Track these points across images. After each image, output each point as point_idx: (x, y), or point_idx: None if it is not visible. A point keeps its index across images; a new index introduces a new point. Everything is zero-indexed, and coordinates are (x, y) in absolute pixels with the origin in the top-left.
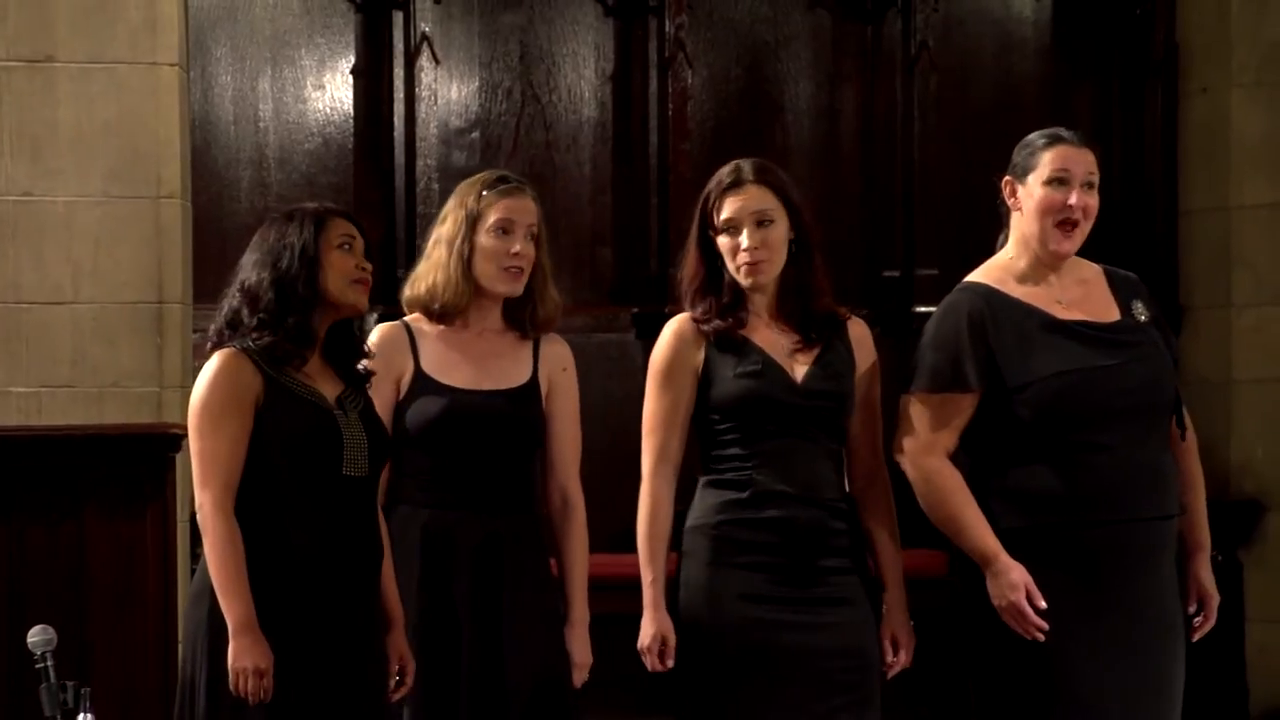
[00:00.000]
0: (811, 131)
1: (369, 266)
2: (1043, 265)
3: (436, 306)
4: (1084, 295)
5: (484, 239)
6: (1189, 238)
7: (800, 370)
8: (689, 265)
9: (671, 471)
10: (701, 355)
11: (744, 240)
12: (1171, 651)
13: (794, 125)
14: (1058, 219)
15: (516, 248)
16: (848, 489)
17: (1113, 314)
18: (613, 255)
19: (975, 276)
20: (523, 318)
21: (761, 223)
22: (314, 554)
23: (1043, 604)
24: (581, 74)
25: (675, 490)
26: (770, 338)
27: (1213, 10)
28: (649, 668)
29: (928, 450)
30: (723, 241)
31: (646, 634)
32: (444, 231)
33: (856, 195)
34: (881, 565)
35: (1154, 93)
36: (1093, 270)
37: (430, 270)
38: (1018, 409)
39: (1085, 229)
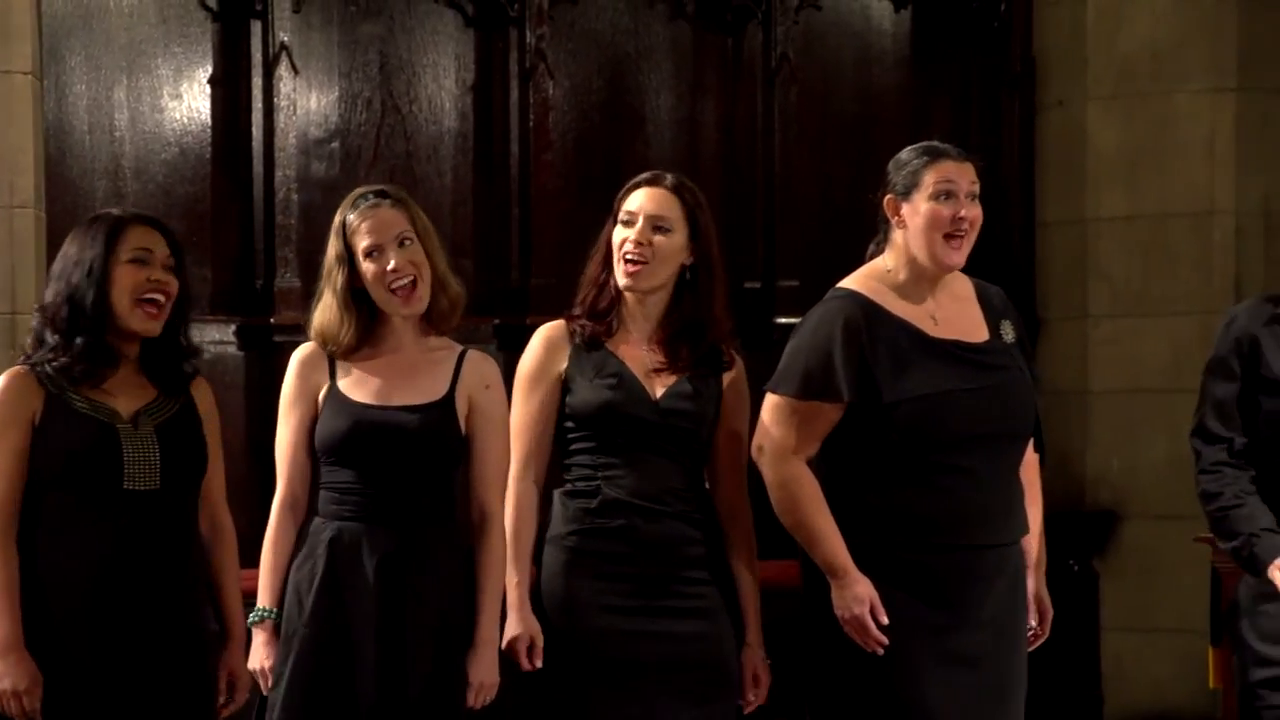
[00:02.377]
0: (673, 143)
1: (166, 280)
2: (923, 281)
3: (329, 347)
4: (958, 313)
5: (364, 266)
6: (1046, 249)
7: (659, 389)
8: (593, 264)
9: (537, 476)
10: (565, 361)
11: (633, 234)
12: (1012, 662)
13: (655, 136)
14: (946, 232)
15: (391, 264)
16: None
17: (982, 334)
18: (473, 266)
19: (851, 284)
20: (425, 317)
21: (658, 227)
22: (91, 571)
23: (885, 619)
24: (442, 84)
25: (541, 494)
26: (635, 354)
27: (1069, 24)
28: (522, 667)
29: (788, 455)
30: (616, 233)
31: (513, 632)
32: (325, 268)
33: (717, 206)
34: (741, 602)
35: (1011, 105)
36: (966, 287)
37: (320, 312)
38: (885, 425)
39: (972, 239)
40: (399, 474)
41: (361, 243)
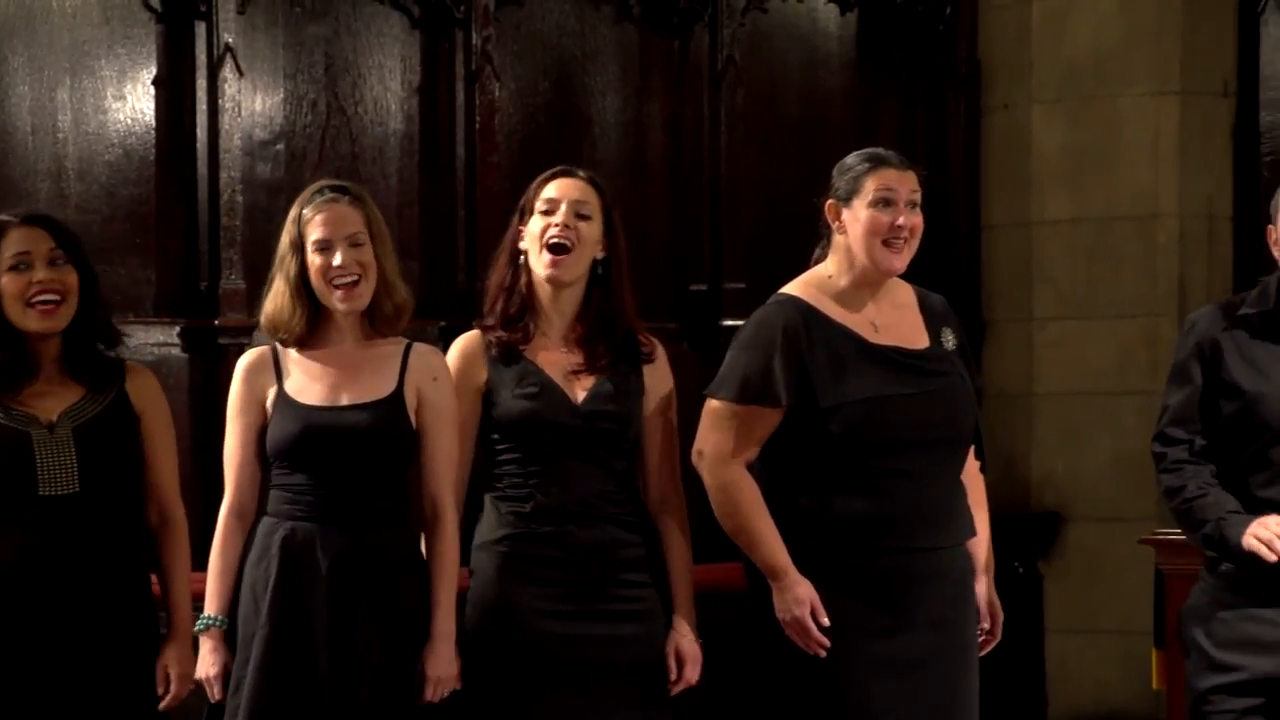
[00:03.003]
0: (619, 145)
1: (51, 277)
2: (864, 287)
3: (280, 336)
4: (898, 319)
5: (311, 257)
6: (991, 252)
7: (581, 392)
8: (498, 266)
9: (459, 491)
10: (485, 373)
11: (557, 218)
12: (964, 667)
13: (601, 138)
14: (885, 238)
15: (336, 260)
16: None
17: (922, 341)
18: (420, 269)
19: (792, 290)
20: (370, 320)
21: (580, 214)
22: (9, 577)
23: (826, 621)
24: (388, 86)
25: (463, 507)
26: (554, 357)
27: (1014, 28)
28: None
29: (727, 459)
30: (533, 224)
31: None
32: (278, 256)
33: (664, 209)
34: (672, 585)
35: (957, 108)
36: (908, 294)
37: (270, 300)
38: (825, 430)
39: (913, 247)
40: (351, 474)
41: (313, 234)
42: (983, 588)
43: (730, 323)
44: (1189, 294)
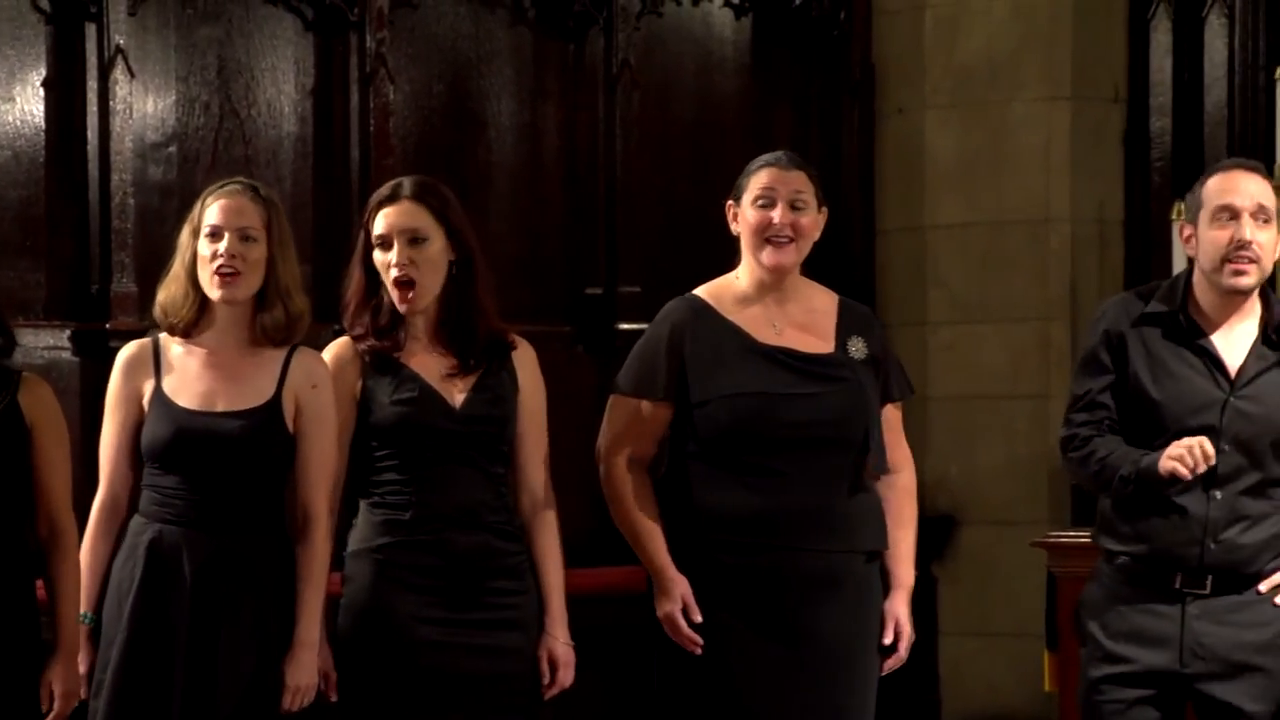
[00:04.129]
0: (514, 148)
1: None
2: (764, 287)
3: (170, 321)
4: (806, 324)
5: (200, 244)
6: (885, 256)
7: (458, 396)
8: (352, 283)
9: (333, 499)
10: (359, 380)
11: (393, 256)
12: (848, 685)
13: (497, 142)
14: (765, 236)
15: (223, 248)
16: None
17: (826, 347)
18: (313, 272)
19: (698, 289)
20: (260, 327)
21: (414, 240)
22: None
23: (697, 618)
24: (281, 89)
25: (338, 516)
26: (428, 362)
27: (907, 33)
28: (331, 699)
29: (616, 451)
30: (377, 258)
31: (314, 681)
32: (179, 242)
33: (559, 212)
34: (544, 587)
35: (851, 113)
36: (827, 301)
37: (165, 286)
38: (698, 425)
39: (800, 246)
40: (222, 479)
41: (208, 221)
42: (893, 603)
43: (626, 326)
44: (1081, 298)
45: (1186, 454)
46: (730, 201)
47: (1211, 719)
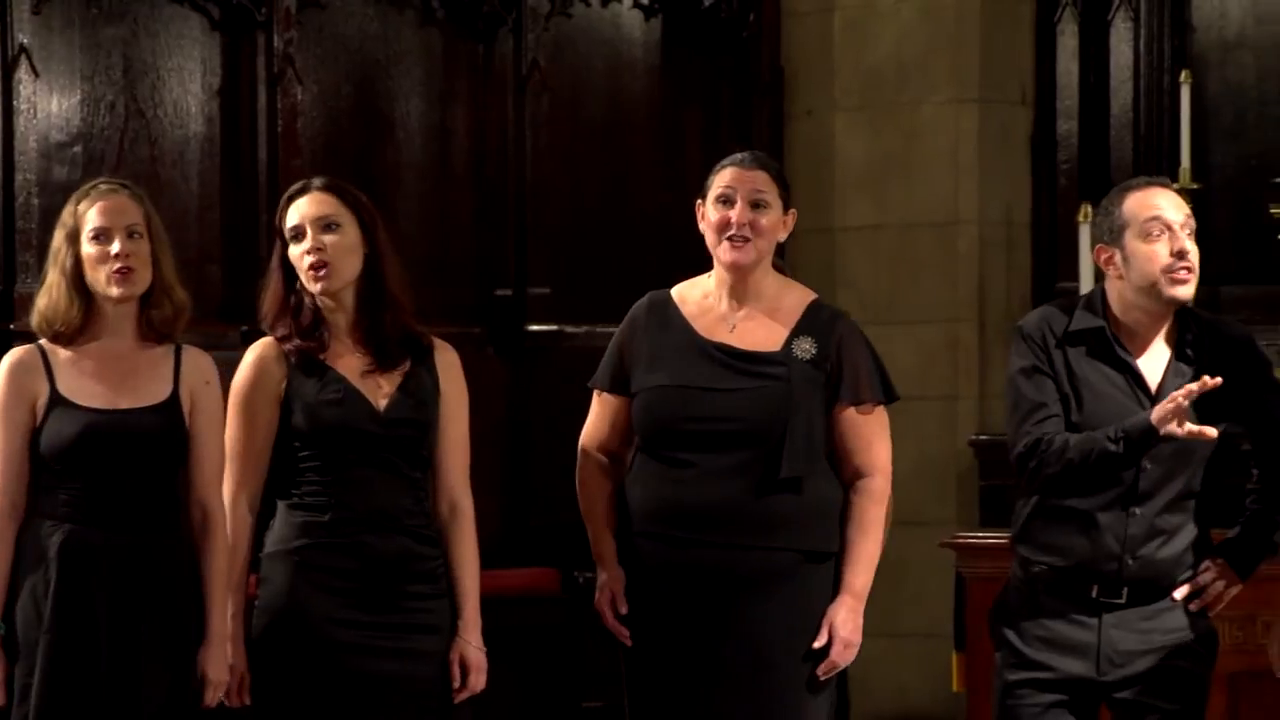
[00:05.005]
0: (424, 149)
1: None
2: (728, 285)
3: (54, 329)
4: (763, 322)
5: (86, 247)
6: (795, 258)
7: (382, 398)
8: (271, 284)
9: (251, 503)
10: (284, 380)
11: (307, 243)
12: (770, 689)
13: (406, 143)
14: (724, 235)
15: (115, 248)
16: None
17: (772, 345)
18: (221, 273)
19: (678, 285)
20: (148, 322)
21: (327, 226)
22: None
23: (623, 610)
24: (188, 88)
25: (256, 520)
26: (352, 363)
27: (816, 35)
28: (228, 703)
29: (585, 442)
30: (293, 253)
31: (226, 668)
32: (52, 250)
33: (469, 213)
34: (458, 592)
35: (761, 115)
36: (798, 301)
37: (44, 293)
38: (633, 418)
39: (759, 245)
40: (131, 477)
41: (90, 224)
42: (833, 607)
43: (535, 328)
44: (989, 299)
45: (1173, 409)
46: (699, 201)
47: None
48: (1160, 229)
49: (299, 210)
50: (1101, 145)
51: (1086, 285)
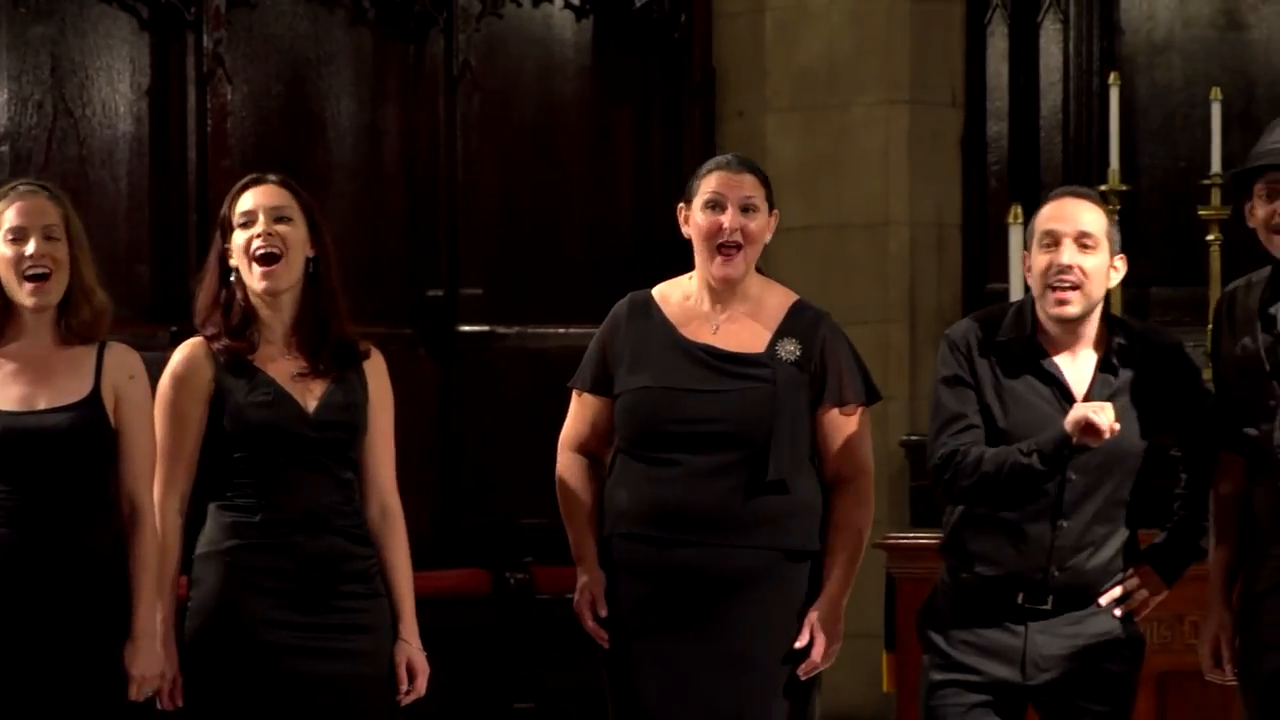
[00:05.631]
0: (354, 149)
1: None
2: (710, 288)
3: None
4: (747, 324)
5: (2, 249)
6: None
7: (312, 400)
8: (205, 284)
9: (181, 504)
10: (212, 381)
11: (258, 229)
12: (749, 690)
13: (337, 143)
14: (715, 243)
15: (30, 249)
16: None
17: (758, 346)
18: (150, 273)
19: (659, 285)
20: (67, 326)
21: (280, 217)
22: None
23: (603, 612)
24: (116, 88)
25: (185, 521)
26: (283, 366)
27: (748, 36)
28: (161, 706)
29: (567, 443)
30: (237, 240)
31: (155, 670)
32: None
33: (400, 214)
34: (395, 595)
35: (692, 116)
36: (781, 303)
37: None
38: (616, 419)
39: (748, 253)
40: (52, 477)
41: (6, 224)
42: (815, 607)
43: (467, 328)
44: (919, 301)
45: (1087, 417)
46: (682, 205)
47: None
48: (1050, 241)
49: (254, 197)
50: (1031, 147)
51: (1016, 286)
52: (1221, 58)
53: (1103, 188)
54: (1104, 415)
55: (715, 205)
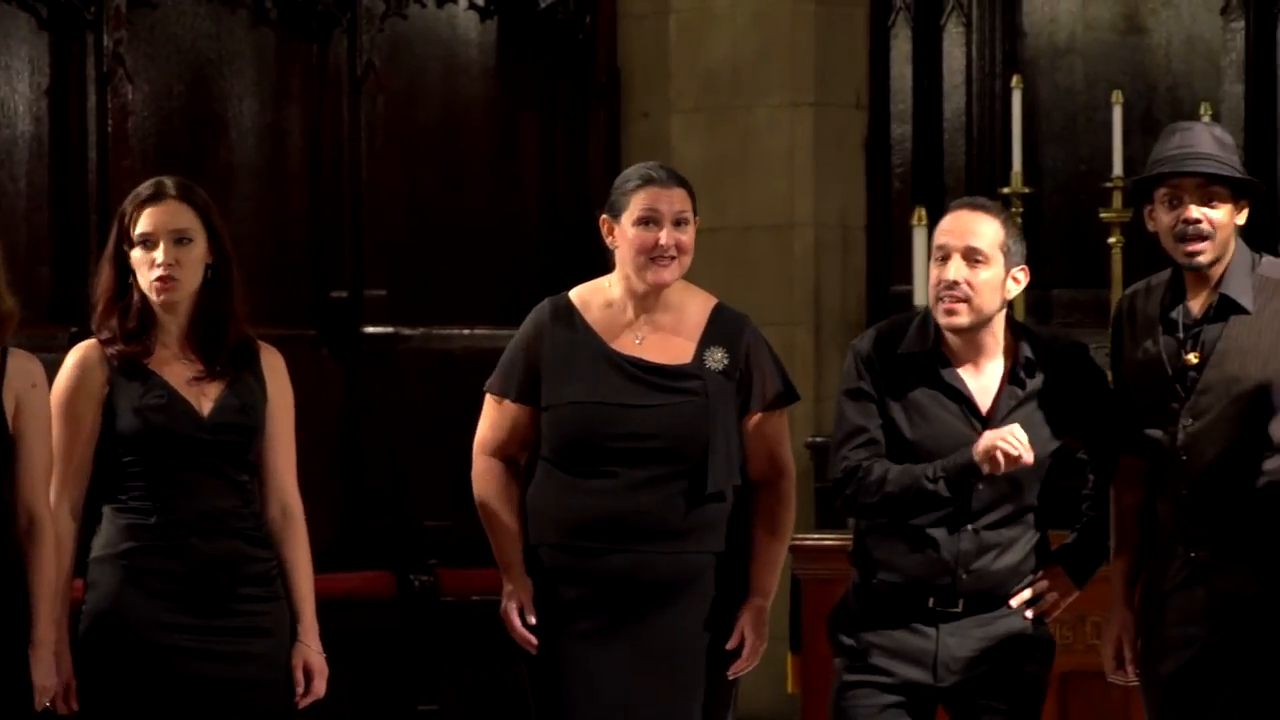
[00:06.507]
0: (257, 150)
1: None
2: (634, 297)
3: None
4: (671, 334)
5: None
6: None
7: (207, 404)
8: (101, 282)
9: (74, 507)
10: (105, 384)
11: (158, 256)
12: (678, 692)
13: (239, 143)
14: (651, 256)
15: None
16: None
17: (685, 357)
18: (50, 274)
19: (572, 290)
20: None
21: (180, 240)
22: None
23: (532, 620)
24: (15, 88)
25: (80, 524)
26: (177, 369)
27: (652, 38)
28: (58, 710)
29: (482, 449)
30: (136, 256)
31: (52, 673)
32: None
33: (304, 215)
34: (294, 596)
35: (598, 117)
36: (702, 309)
37: None
38: (545, 429)
39: (682, 262)
40: None
41: None
42: (744, 609)
43: (371, 329)
44: (824, 302)
45: (995, 445)
46: (605, 216)
47: None
48: (941, 255)
49: (153, 219)
50: (935, 149)
51: (921, 288)
52: (1122, 61)
53: (1005, 190)
54: (1014, 444)
55: (649, 222)
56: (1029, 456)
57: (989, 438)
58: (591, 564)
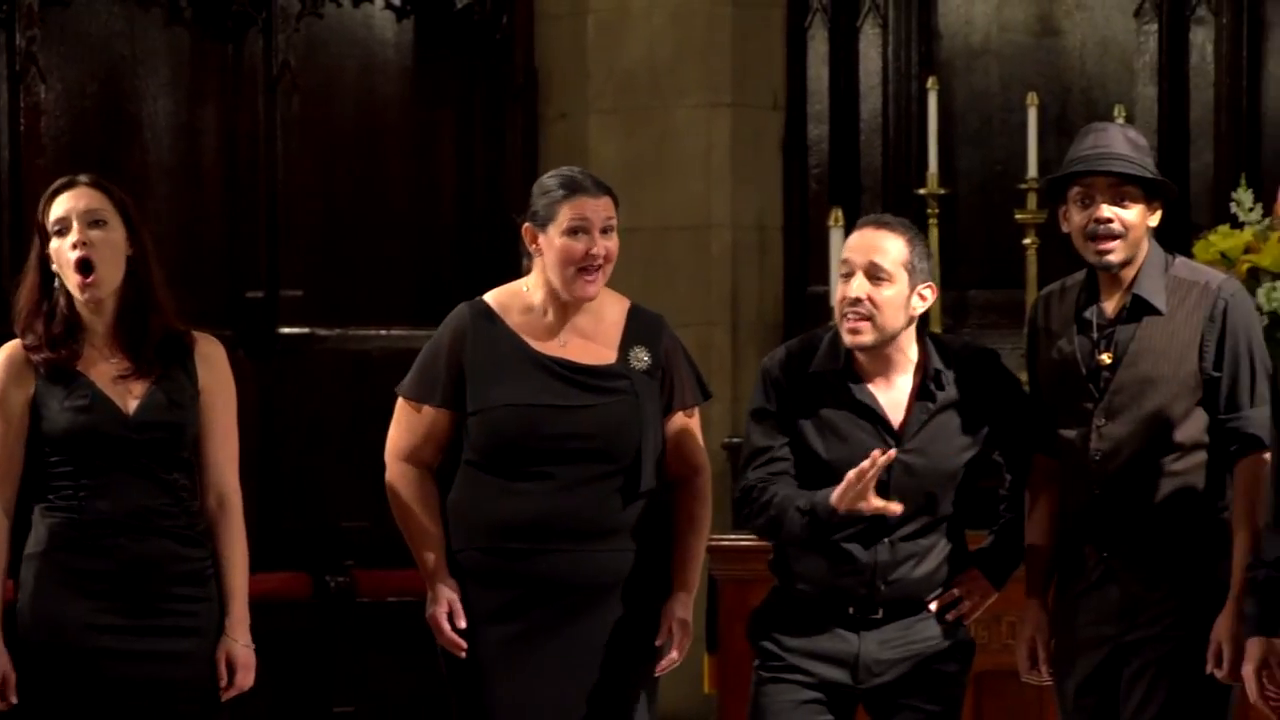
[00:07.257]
0: (172, 149)
1: None
2: (556, 303)
3: None
4: (593, 335)
5: None
6: None
7: (132, 402)
8: (25, 287)
9: (6, 502)
10: (32, 385)
11: (73, 237)
12: (613, 686)
13: (153, 143)
14: (579, 266)
15: None
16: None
17: (608, 358)
18: None
19: (489, 294)
20: None
21: (94, 222)
22: None
23: (461, 623)
24: None
25: (12, 524)
26: (103, 369)
27: (569, 38)
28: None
29: (398, 455)
30: (54, 247)
31: None
32: None
33: (219, 215)
34: (226, 590)
35: (515, 117)
36: (618, 310)
37: None
38: (472, 433)
39: (608, 271)
40: None
41: None
42: (670, 605)
43: (287, 330)
44: (741, 303)
45: (851, 486)
46: (527, 224)
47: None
48: (845, 271)
49: (65, 203)
50: (852, 150)
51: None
52: (1037, 63)
53: (921, 191)
54: (874, 509)
55: (580, 231)
56: (896, 509)
57: (847, 489)
58: (522, 566)
